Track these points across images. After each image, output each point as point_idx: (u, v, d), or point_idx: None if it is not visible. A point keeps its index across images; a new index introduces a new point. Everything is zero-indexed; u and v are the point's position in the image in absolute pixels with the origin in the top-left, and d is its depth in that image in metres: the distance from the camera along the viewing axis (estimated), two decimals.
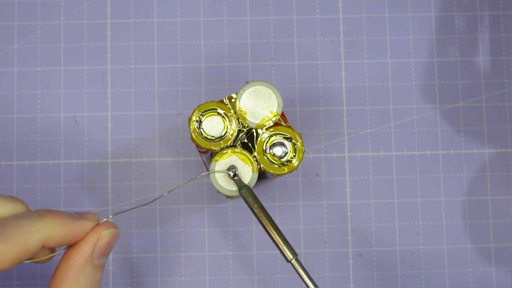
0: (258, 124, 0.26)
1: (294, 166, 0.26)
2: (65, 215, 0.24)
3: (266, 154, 0.26)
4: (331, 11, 0.35)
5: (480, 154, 0.34)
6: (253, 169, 0.26)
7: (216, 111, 0.26)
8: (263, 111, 0.26)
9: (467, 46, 0.35)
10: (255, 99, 0.26)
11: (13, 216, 0.23)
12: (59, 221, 0.23)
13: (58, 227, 0.23)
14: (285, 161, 0.26)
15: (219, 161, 0.26)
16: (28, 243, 0.22)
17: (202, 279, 0.33)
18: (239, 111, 0.26)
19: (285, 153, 0.26)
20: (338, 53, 0.35)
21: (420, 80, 0.34)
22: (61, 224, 0.23)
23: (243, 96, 0.26)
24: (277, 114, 0.26)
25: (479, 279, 0.33)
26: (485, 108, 0.34)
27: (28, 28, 0.34)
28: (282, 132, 0.26)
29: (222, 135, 0.26)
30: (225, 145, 0.26)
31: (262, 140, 0.26)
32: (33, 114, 0.34)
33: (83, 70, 0.34)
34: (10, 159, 0.34)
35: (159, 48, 0.34)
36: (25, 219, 0.23)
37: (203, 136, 0.26)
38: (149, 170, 0.34)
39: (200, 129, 0.26)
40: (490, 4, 0.35)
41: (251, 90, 0.26)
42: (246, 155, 0.26)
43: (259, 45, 0.35)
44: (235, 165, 0.26)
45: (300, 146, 0.26)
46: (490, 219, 0.34)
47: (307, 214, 0.34)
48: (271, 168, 0.26)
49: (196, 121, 0.26)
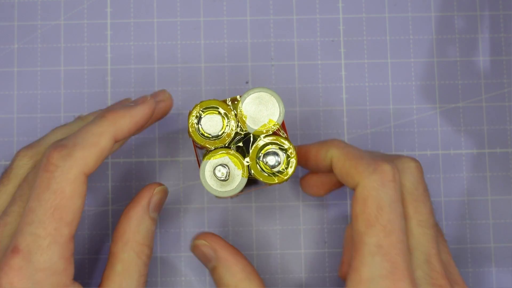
0: (256, 130, 0.26)
1: (284, 178, 0.26)
2: (121, 108, 0.26)
3: (259, 161, 0.26)
4: (331, 11, 0.35)
5: (480, 154, 0.34)
6: (243, 174, 0.26)
7: (217, 110, 0.26)
8: (263, 118, 0.26)
9: (467, 46, 0.35)
10: (258, 105, 0.26)
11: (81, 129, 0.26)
12: (124, 116, 0.26)
13: (121, 121, 0.26)
14: (277, 172, 0.26)
15: (210, 160, 0.26)
16: (102, 143, 0.25)
17: (202, 279, 0.33)
18: (240, 114, 0.26)
19: (278, 163, 0.26)
20: (338, 53, 0.35)
21: (420, 80, 0.35)
22: (122, 117, 0.26)
23: (247, 100, 0.26)
24: (276, 124, 0.26)
25: (479, 279, 0.33)
26: (485, 108, 0.34)
27: (28, 28, 0.34)
28: (279, 142, 0.26)
29: (219, 134, 0.26)
30: (220, 145, 0.26)
31: (257, 147, 0.26)
32: (33, 114, 0.34)
33: (83, 70, 0.34)
34: (10, 159, 0.34)
35: (159, 48, 0.35)
36: (91, 125, 0.25)
37: (200, 133, 0.26)
38: (149, 170, 0.34)
39: (199, 125, 0.26)
40: (490, 4, 0.35)
41: (255, 95, 0.26)
42: (239, 158, 0.26)
43: (259, 45, 0.35)
44: (227, 165, 0.26)
45: (294, 159, 0.26)
46: (490, 219, 0.34)
47: (307, 214, 0.34)
48: (261, 176, 0.26)
49: (195, 117, 0.26)
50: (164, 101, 0.29)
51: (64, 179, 0.24)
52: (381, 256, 0.24)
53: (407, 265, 0.25)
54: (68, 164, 0.24)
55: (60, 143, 0.25)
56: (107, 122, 0.26)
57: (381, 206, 0.25)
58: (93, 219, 0.33)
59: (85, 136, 0.25)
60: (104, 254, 0.33)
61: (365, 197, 0.25)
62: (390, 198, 0.25)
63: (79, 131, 0.25)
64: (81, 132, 0.25)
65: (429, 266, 0.26)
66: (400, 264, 0.24)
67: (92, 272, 0.33)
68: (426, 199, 0.27)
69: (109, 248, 0.29)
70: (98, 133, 0.25)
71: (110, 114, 0.26)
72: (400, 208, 0.25)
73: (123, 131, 0.26)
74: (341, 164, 0.27)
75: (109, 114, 0.26)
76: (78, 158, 0.24)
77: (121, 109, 0.26)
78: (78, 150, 0.24)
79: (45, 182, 0.24)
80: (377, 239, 0.24)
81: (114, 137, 0.26)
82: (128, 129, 0.26)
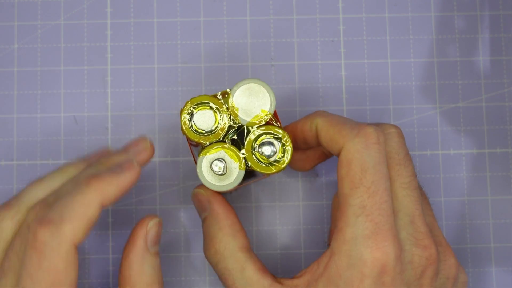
0: (249, 121, 0.26)
1: (281, 167, 0.26)
2: (107, 174, 0.25)
3: (255, 152, 0.26)
4: (331, 11, 0.35)
5: (480, 154, 0.34)
6: (240, 166, 0.26)
7: (208, 105, 0.26)
8: (255, 109, 0.26)
9: (467, 46, 0.35)
10: (249, 97, 0.26)
11: (64, 193, 0.25)
12: (111, 184, 0.25)
13: (108, 189, 0.25)
14: (273, 161, 0.26)
15: (206, 155, 0.26)
16: (90, 213, 0.24)
17: (202, 279, 0.33)
18: (231, 107, 0.26)
19: (274, 152, 0.26)
20: (338, 53, 0.35)
21: (420, 80, 0.35)
22: (109, 185, 0.25)
23: (237, 93, 0.26)
24: (269, 113, 0.26)
25: (479, 279, 0.33)
26: (485, 108, 0.34)
27: (28, 28, 0.34)
28: (273, 131, 0.26)
29: (213, 129, 0.26)
30: (215, 140, 0.26)
31: (252, 138, 0.26)
32: (33, 114, 0.34)
33: (83, 70, 0.34)
34: (10, 159, 0.34)
35: (159, 48, 0.35)
36: (77, 195, 0.24)
37: (193, 129, 0.26)
38: (149, 170, 0.34)
39: (191, 122, 0.26)
40: (490, 4, 0.35)
41: (245, 87, 0.26)
42: (234, 151, 0.26)
43: (259, 45, 0.35)
44: (224, 159, 0.26)
45: (289, 147, 0.26)
46: (490, 219, 0.34)
47: (307, 214, 0.34)
48: (258, 166, 0.26)
49: (188, 113, 0.26)
50: (145, 151, 0.28)
51: (55, 255, 0.23)
52: (365, 216, 0.25)
53: (391, 226, 0.25)
54: (57, 240, 0.23)
55: (46, 218, 0.23)
56: (94, 192, 0.24)
57: (365, 168, 0.25)
58: None
59: (72, 207, 0.24)
60: (104, 254, 0.33)
61: (349, 160, 0.25)
62: (374, 160, 0.25)
63: (65, 201, 0.24)
64: (67, 203, 0.24)
65: (413, 227, 0.26)
66: (383, 224, 0.25)
67: (92, 272, 0.33)
68: (408, 162, 0.27)
69: (108, 248, 0.29)
70: (85, 204, 0.24)
71: (96, 182, 0.25)
72: (385, 170, 0.26)
73: (110, 199, 0.25)
74: (326, 131, 0.27)
75: (95, 181, 0.25)
76: (67, 233, 0.23)
77: (107, 176, 0.25)
78: (66, 224, 0.23)
79: (36, 260, 0.23)
80: (361, 200, 0.25)
81: (101, 205, 0.25)
82: (115, 197, 0.25)
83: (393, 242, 0.25)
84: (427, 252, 0.26)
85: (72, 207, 0.24)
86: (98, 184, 0.25)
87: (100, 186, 0.25)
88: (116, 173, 0.26)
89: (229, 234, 0.28)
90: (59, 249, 0.23)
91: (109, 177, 0.25)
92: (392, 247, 0.24)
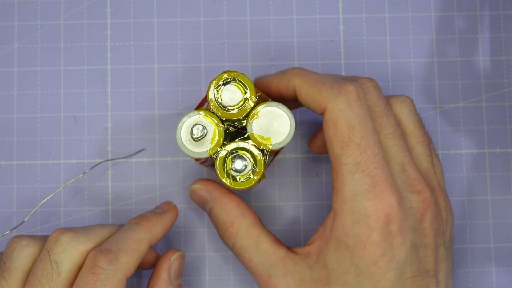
0: (253, 134, 0.27)
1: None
2: (153, 215, 0.28)
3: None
4: (331, 11, 0.35)
5: (480, 154, 0.34)
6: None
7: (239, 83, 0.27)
8: (269, 131, 0.27)
9: (467, 46, 0.35)
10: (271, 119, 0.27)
11: (117, 232, 0.27)
12: (157, 224, 0.28)
13: (155, 229, 0.28)
14: (249, 172, 0.27)
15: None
16: (141, 249, 0.27)
17: (202, 279, 0.33)
18: (255, 111, 0.27)
19: (245, 166, 0.26)
20: (338, 53, 0.35)
21: (420, 80, 0.35)
22: (156, 225, 0.28)
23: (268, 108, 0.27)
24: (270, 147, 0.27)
25: (479, 279, 0.33)
26: (485, 108, 0.34)
27: (28, 28, 0.34)
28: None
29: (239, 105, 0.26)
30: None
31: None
32: (33, 114, 0.34)
33: (83, 70, 0.34)
34: (10, 159, 0.34)
35: (159, 48, 0.35)
36: (130, 232, 0.27)
37: (218, 102, 0.26)
38: (149, 170, 0.34)
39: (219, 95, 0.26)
40: (490, 4, 0.35)
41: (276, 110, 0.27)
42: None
43: (259, 45, 0.35)
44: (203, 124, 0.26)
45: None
46: (490, 219, 0.34)
47: (307, 214, 0.34)
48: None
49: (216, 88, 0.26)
50: (171, 211, 0.30)
51: (110, 281, 0.25)
52: (361, 172, 0.25)
53: (387, 176, 0.25)
54: (113, 267, 0.25)
55: (105, 247, 0.26)
56: (143, 229, 0.27)
57: (352, 125, 0.25)
58: (93, 219, 0.33)
59: (127, 241, 0.26)
60: None
61: (334, 120, 0.26)
62: (359, 116, 0.26)
63: (120, 236, 0.26)
64: (122, 237, 0.26)
65: (406, 174, 0.27)
66: (380, 176, 0.25)
67: None
68: (389, 113, 0.27)
69: None
70: (137, 240, 0.27)
71: (145, 222, 0.27)
72: (371, 123, 0.26)
73: (157, 237, 0.28)
74: (305, 92, 0.27)
75: (144, 221, 0.27)
76: (122, 263, 0.25)
77: (152, 217, 0.28)
78: (122, 255, 0.25)
79: (91, 284, 0.25)
80: (354, 157, 0.25)
81: (149, 243, 0.27)
82: (161, 235, 0.28)
83: (392, 191, 0.25)
84: (422, 196, 0.26)
85: (127, 241, 0.26)
86: (146, 223, 0.27)
87: (149, 225, 0.27)
88: (159, 214, 0.29)
89: (239, 214, 0.29)
90: (114, 276, 0.25)
91: (155, 218, 0.28)
92: (392, 196, 0.25)
